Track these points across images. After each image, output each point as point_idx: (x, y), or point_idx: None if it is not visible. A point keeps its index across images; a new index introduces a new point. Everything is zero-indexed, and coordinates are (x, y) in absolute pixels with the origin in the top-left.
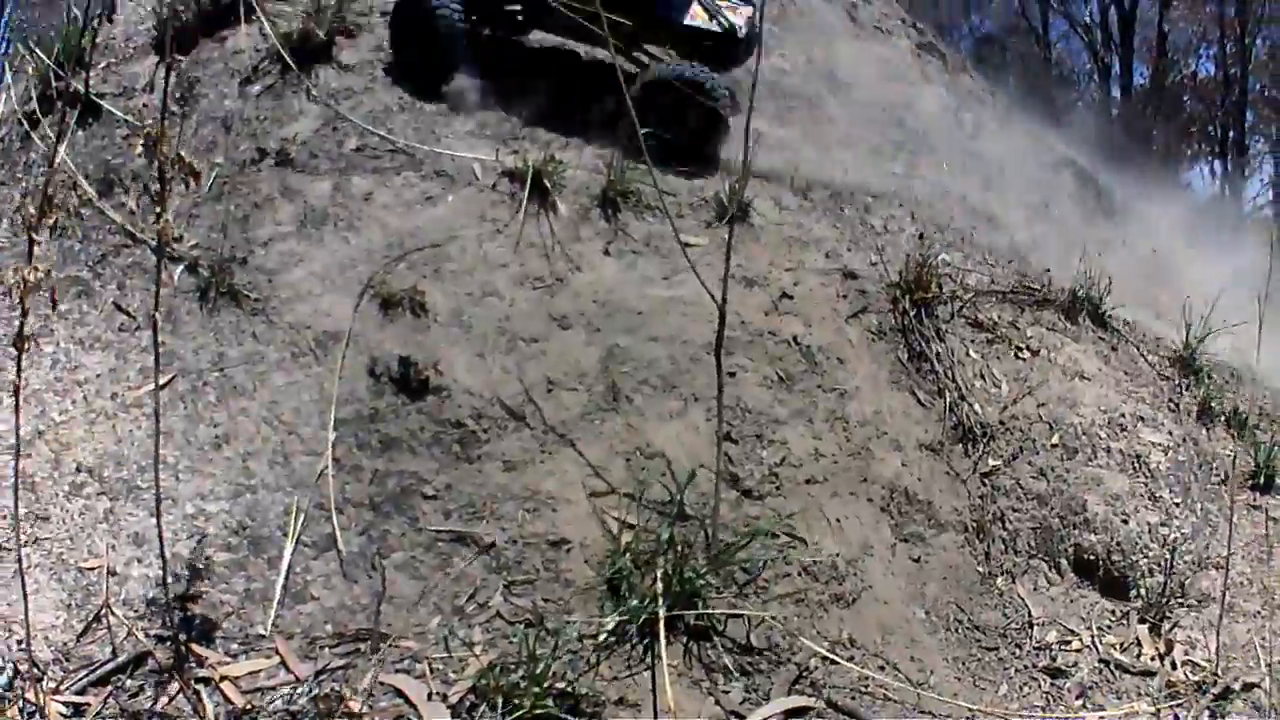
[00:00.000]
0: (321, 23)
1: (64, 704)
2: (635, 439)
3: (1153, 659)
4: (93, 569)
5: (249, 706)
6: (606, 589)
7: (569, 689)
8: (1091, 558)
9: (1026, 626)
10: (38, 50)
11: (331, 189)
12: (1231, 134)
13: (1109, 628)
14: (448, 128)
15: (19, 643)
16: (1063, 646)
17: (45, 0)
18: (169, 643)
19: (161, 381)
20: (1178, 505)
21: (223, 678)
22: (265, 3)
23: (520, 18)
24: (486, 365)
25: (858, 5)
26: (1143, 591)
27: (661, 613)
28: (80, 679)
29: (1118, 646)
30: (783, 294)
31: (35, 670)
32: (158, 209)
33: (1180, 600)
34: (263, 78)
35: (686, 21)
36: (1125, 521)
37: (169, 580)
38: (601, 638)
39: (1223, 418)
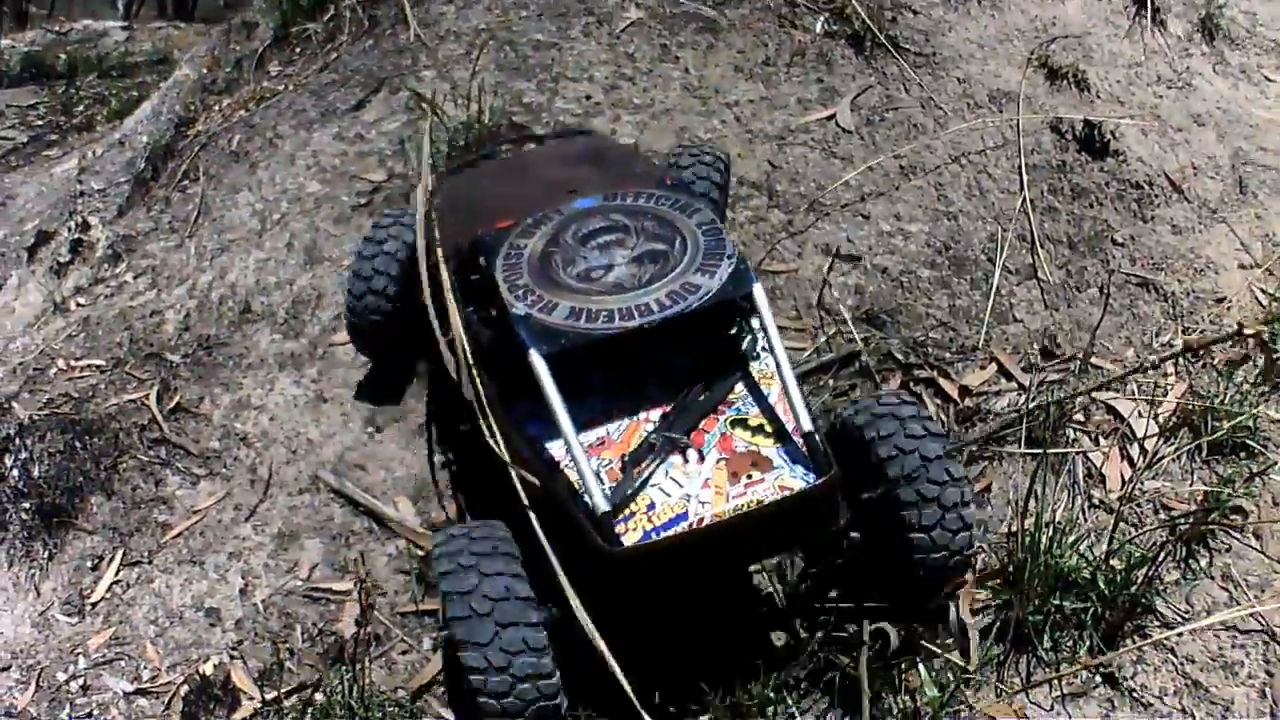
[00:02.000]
0: None
1: None
2: (1263, 227)
3: None
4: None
5: (975, 407)
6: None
7: (1247, 421)
8: None
9: None
10: None
11: None
12: None
13: None
14: None
15: None
16: None
17: None
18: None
19: (828, 114)
20: None
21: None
22: None
23: None
24: (1149, 142)
25: None
26: None
27: None
28: None
29: None
30: None
31: None
32: None
33: None
34: None
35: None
36: None
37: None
38: (1255, 380)
39: None
